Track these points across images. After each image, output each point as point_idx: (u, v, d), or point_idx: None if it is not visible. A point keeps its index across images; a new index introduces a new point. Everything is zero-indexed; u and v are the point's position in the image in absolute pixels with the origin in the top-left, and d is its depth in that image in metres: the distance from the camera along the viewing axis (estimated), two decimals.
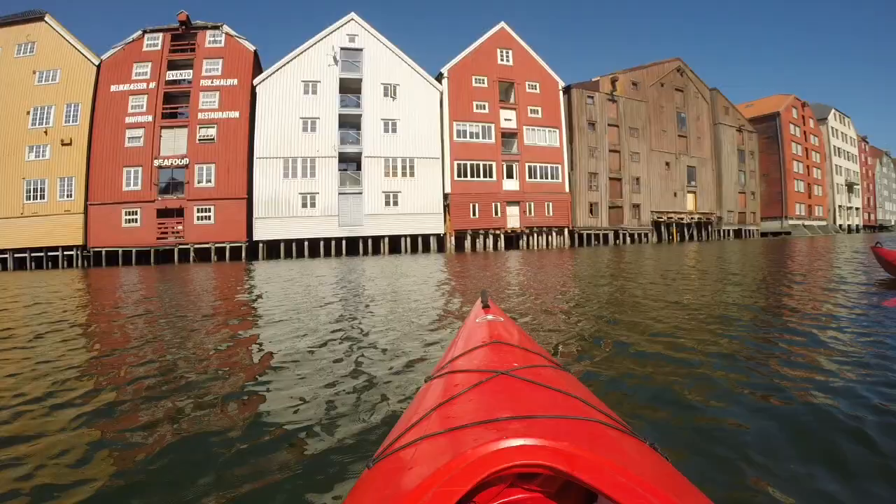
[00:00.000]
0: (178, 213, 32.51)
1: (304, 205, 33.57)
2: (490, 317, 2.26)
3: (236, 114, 33.74)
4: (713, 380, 3.12)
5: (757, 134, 62.31)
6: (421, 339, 4.57)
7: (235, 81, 34.20)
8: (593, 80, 45.45)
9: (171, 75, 34.01)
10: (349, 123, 35.43)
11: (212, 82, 34.05)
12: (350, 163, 35.48)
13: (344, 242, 33.80)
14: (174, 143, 33.06)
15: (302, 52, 35.34)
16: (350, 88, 35.76)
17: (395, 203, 35.30)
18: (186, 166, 32.75)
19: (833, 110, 78.17)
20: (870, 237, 49.05)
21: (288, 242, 32.90)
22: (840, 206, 79.10)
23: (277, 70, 34.69)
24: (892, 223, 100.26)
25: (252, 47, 35.48)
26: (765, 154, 63.59)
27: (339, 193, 34.16)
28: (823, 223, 71.78)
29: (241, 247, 32.55)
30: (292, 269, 18.01)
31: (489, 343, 1.84)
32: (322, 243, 33.39)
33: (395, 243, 34.85)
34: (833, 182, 77.21)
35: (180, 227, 32.23)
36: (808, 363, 3.43)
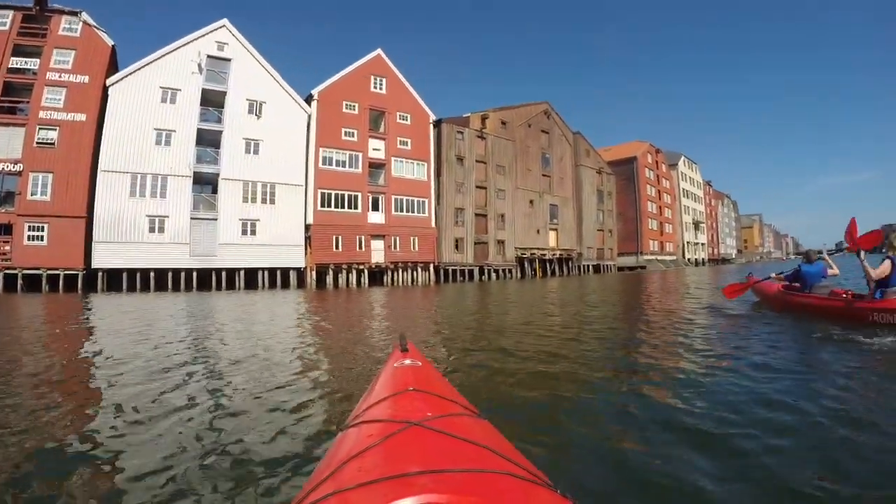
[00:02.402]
0: (6, 229, 29.02)
1: (152, 229, 31.32)
2: (408, 361, 2.35)
3: (83, 116, 30.81)
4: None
5: (615, 176, 69.14)
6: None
7: (87, 79, 31.33)
8: (464, 115, 47.86)
9: (16, 62, 30.50)
10: (208, 140, 33.86)
11: (60, 76, 30.94)
12: (206, 185, 34.02)
13: (195, 274, 31.95)
14: (8, 143, 29.55)
15: (164, 55, 33.09)
16: (212, 101, 34.28)
17: (253, 232, 34.18)
18: (20, 173, 29.39)
19: (683, 157, 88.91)
20: (714, 269, 56.66)
21: (132, 272, 30.41)
22: (688, 242, 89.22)
23: (135, 71, 32.14)
24: (732, 256, 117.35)
25: (111, 42, 32.93)
26: (622, 195, 70.62)
27: (192, 218, 32.35)
28: (673, 258, 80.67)
29: (77, 275, 29.66)
30: (135, 308, 16.41)
31: (404, 391, 1.90)
32: (171, 274, 31.19)
33: (251, 277, 33.74)
34: (682, 221, 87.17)
35: (7, 248, 28.80)
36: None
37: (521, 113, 53.55)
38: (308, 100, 38.28)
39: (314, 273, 36.07)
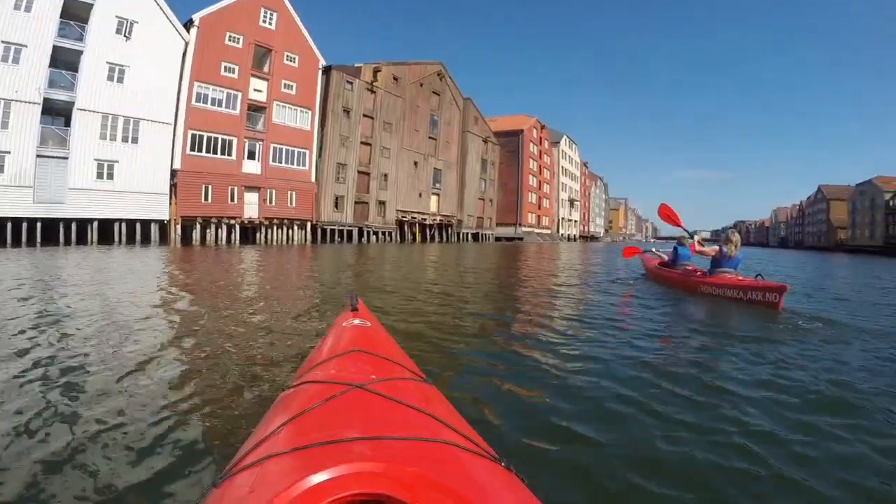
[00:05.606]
0: None
1: None
2: (357, 321, 2.37)
3: None
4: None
5: (500, 147, 71.03)
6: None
7: None
8: (356, 65, 46.78)
9: None
10: (65, 62, 29.63)
11: None
12: (57, 116, 30.18)
13: (39, 225, 27.41)
14: None
15: None
16: (75, 15, 29.74)
17: (111, 176, 30.85)
18: None
19: (565, 136, 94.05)
20: (585, 245, 61.21)
21: None
22: (563, 218, 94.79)
23: None
24: (600, 235, 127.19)
25: None
26: (504, 166, 73.18)
27: (38, 156, 28.30)
28: (549, 232, 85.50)
29: None
30: None
31: (350, 351, 1.91)
32: (10, 225, 26.24)
33: (106, 229, 30.29)
34: (559, 197, 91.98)
35: None
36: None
37: (415, 70, 53.41)
38: (187, 25, 34.88)
39: (179, 227, 33.64)
